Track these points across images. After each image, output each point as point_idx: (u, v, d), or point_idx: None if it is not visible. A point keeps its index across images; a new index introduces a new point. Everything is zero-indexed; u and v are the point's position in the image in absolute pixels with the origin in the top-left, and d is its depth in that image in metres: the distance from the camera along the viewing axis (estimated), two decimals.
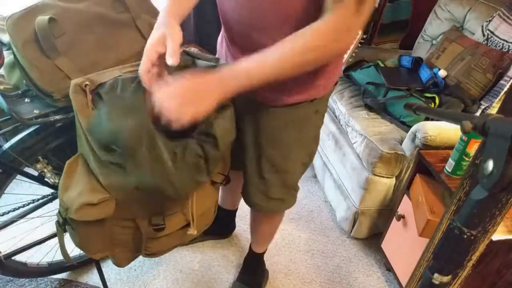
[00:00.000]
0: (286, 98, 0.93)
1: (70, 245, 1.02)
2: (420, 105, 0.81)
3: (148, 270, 1.52)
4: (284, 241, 1.73)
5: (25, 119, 0.92)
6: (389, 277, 1.61)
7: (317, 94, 0.95)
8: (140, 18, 1.01)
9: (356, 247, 1.75)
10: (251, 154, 1.04)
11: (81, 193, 0.85)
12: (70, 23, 0.91)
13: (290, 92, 0.92)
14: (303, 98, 0.94)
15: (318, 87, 0.94)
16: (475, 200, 0.51)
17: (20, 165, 1.05)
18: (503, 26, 1.74)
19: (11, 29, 0.86)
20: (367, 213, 1.65)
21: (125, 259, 1.04)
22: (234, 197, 1.56)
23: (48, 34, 0.87)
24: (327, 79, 0.94)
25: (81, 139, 0.90)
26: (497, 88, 1.63)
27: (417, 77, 1.85)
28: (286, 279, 1.56)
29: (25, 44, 0.87)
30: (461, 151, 1.19)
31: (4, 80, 1.02)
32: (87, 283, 1.45)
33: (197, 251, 1.63)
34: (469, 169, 0.85)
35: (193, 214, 0.96)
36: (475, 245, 0.83)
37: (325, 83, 0.94)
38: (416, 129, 1.45)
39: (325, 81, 0.94)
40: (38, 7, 0.90)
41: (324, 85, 0.94)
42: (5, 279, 1.41)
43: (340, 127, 1.88)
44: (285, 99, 0.94)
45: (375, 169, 1.53)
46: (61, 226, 0.94)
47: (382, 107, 1.75)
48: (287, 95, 0.93)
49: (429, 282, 0.59)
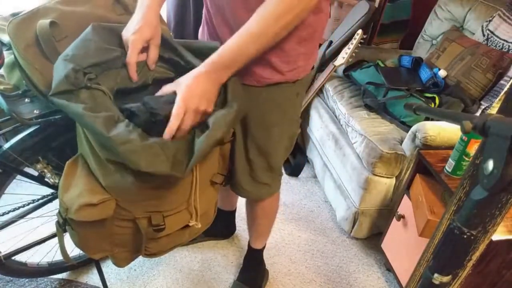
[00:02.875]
0: (270, 77, 0.97)
1: (70, 245, 1.02)
2: (420, 105, 0.81)
3: (148, 270, 1.52)
4: (284, 241, 1.73)
5: (25, 119, 0.92)
6: (389, 277, 1.61)
7: (298, 75, 1.01)
8: None
9: (356, 247, 1.75)
10: (238, 137, 1.07)
11: (81, 193, 0.85)
12: (71, 27, 0.91)
13: (273, 71, 0.97)
14: (285, 78, 0.99)
15: (298, 68, 0.99)
16: (475, 200, 0.51)
17: (20, 165, 1.05)
18: (503, 26, 1.75)
19: (12, 33, 0.86)
20: (367, 213, 1.65)
21: (125, 259, 1.04)
22: (231, 197, 1.56)
23: (50, 37, 0.87)
24: (307, 60, 1.00)
25: (81, 139, 0.90)
26: (497, 88, 1.63)
27: (417, 77, 1.85)
28: (286, 279, 1.56)
29: (26, 48, 0.87)
30: (461, 151, 1.19)
31: (4, 80, 1.03)
32: (87, 283, 1.45)
33: (197, 251, 1.63)
34: (469, 169, 0.85)
35: (196, 208, 0.96)
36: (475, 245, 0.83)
37: (305, 64, 1.00)
38: (416, 129, 1.45)
39: (304, 62, 1.00)
40: (40, 10, 0.90)
41: (303, 67, 1.00)
42: (5, 279, 1.41)
43: (340, 127, 1.88)
44: (270, 78, 0.98)
45: (375, 169, 1.53)
46: (61, 226, 0.94)
47: (382, 107, 1.75)
48: (270, 74, 0.97)
49: (429, 282, 0.59)
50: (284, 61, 0.96)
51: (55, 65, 0.81)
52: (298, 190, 2.06)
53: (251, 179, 1.14)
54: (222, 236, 1.70)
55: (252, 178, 1.14)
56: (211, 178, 1.01)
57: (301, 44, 0.95)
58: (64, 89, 0.77)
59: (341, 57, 1.92)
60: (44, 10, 0.91)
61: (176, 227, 0.97)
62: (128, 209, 0.90)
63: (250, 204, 1.35)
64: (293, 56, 0.96)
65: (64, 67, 0.78)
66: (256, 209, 1.32)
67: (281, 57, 0.94)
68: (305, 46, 0.96)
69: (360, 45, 1.95)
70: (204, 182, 0.99)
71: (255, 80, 0.98)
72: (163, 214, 0.92)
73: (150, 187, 0.87)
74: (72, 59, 0.79)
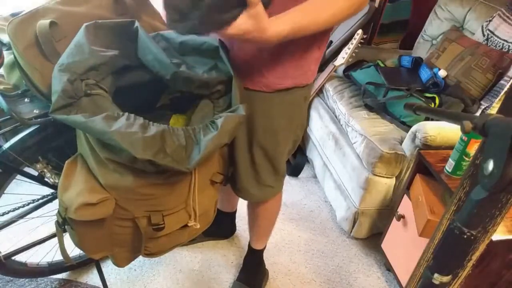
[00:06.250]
0: (282, 82, 0.97)
1: (70, 245, 1.02)
2: (420, 105, 0.80)
3: (148, 270, 1.52)
4: (284, 241, 1.73)
5: (25, 119, 0.92)
6: (389, 277, 1.61)
7: (308, 79, 1.01)
8: (141, 19, 1.01)
9: (356, 247, 1.75)
10: (243, 141, 1.06)
11: (80, 193, 0.85)
12: (71, 27, 0.91)
13: (285, 76, 0.96)
14: (296, 82, 0.98)
15: (308, 72, 0.99)
16: (475, 200, 0.51)
17: (20, 165, 1.05)
18: (503, 26, 1.74)
19: (12, 33, 0.86)
20: (367, 213, 1.65)
21: (125, 259, 1.04)
22: (231, 198, 1.56)
23: (49, 38, 0.87)
24: (315, 65, 1.00)
25: (81, 139, 0.90)
26: (497, 88, 1.63)
27: (417, 77, 1.85)
28: (286, 279, 1.56)
29: (26, 48, 0.87)
30: (461, 151, 1.19)
31: (4, 80, 1.03)
32: (87, 283, 1.45)
33: (197, 251, 1.63)
34: (469, 169, 0.85)
35: (195, 209, 0.96)
36: (475, 245, 0.83)
37: (314, 68, 1.01)
38: (416, 129, 1.45)
39: (314, 67, 1.00)
40: (39, 11, 0.90)
41: (313, 71, 1.01)
42: (5, 279, 1.41)
43: (340, 127, 1.88)
44: (281, 83, 0.97)
45: (375, 169, 1.53)
46: (61, 226, 0.94)
47: (382, 107, 1.75)
48: (282, 79, 0.96)
49: (429, 282, 0.59)
50: (298, 65, 0.95)
51: (53, 75, 0.80)
52: (298, 190, 2.06)
53: (257, 182, 1.13)
54: (222, 236, 1.70)
55: (258, 181, 1.13)
56: (211, 177, 1.01)
57: (321, 48, 0.95)
58: (63, 104, 0.77)
59: (341, 57, 1.92)
60: (43, 10, 0.91)
61: (175, 226, 0.97)
62: (127, 209, 0.90)
63: (252, 206, 1.35)
64: (308, 59, 0.96)
65: (60, 80, 0.78)
66: (258, 210, 1.32)
67: (297, 61, 0.94)
68: (321, 50, 0.96)
69: (360, 45, 1.95)
70: (204, 181, 0.99)
71: (265, 85, 0.97)
72: (162, 213, 0.92)
73: (150, 186, 0.87)
74: (67, 68, 0.79)
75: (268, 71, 0.94)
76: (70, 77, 0.78)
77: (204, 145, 0.79)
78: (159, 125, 0.79)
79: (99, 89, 0.82)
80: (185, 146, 0.80)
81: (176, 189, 0.91)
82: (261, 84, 0.97)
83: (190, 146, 0.80)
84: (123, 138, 0.74)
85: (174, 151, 0.78)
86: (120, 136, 0.74)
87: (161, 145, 0.77)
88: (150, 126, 0.78)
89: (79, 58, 0.81)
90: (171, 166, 0.77)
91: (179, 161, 0.78)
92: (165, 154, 0.77)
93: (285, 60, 0.92)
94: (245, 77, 0.96)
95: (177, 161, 0.78)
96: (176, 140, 0.79)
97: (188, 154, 0.80)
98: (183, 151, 0.79)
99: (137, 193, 0.87)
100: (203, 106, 0.93)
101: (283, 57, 0.92)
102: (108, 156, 0.82)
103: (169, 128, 0.79)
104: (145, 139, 0.75)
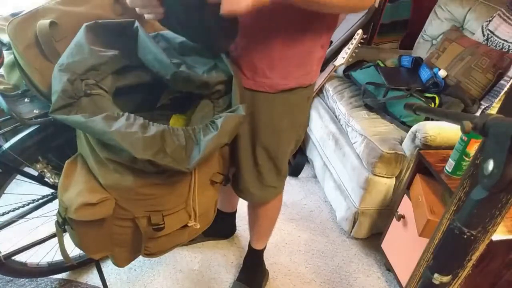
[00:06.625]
0: (286, 82, 0.97)
1: (70, 245, 1.02)
2: (420, 105, 0.80)
3: (148, 270, 1.52)
4: (284, 241, 1.73)
5: (25, 119, 0.92)
6: (389, 277, 1.61)
7: (311, 79, 1.01)
8: (141, 19, 1.01)
9: (356, 247, 1.75)
10: (245, 142, 1.06)
11: (80, 193, 0.85)
12: (71, 27, 0.91)
13: (289, 77, 0.96)
14: (299, 83, 0.98)
15: (311, 72, 0.99)
16: (475, 200, 0.51)
17: (20, 165, 1.05)
18: (503, 26, 1.74)
19: (12, 33, 0.86)
20: (367, 213, 1.65)
21: (125, 259, 1.04)
22: (232, 198, 1.56)
23: (49, 38, 0.87)
24: (318, 65, 1.01)
25: (81, 139, 0.90)
26: (497, 88, 1.63)
27: (417, 77, 1.85)
28: (286, 279, 1.56)
29: (26, 48, 0.87)
30: (461, 151, 1.19)
31: (4, 80, 1.03)
32: (87, 283, 1.45)
33: (197, 251, 1.63)
34: (469, 169, 0.84)
35: (195, 209, 0.96)
36: (475, 245, 0.83)
37: (316, 68, 1.01)
38: (416, 129, 1.45)
39: (316, 67, 1.01)
40: (39, 11, 0.90)
41: (315, 71, 1.01)
42: (5, 279, 1.41)
43: (340, 127, 1.88)
44: (285, 84, 0.97)
45: (375, 169, 1.53)
46: (61, 226, 0.94)
47: (382, 107, 1.75)
48: (286, 79, 0.96)
49: (429, 282, 0.59)
50: (302, 65, 0.95)
51: (53, 75, 0.80)
52: (298, 190, 2.06)
53: (259, 183, 1.13)
54: (222, 236, 1.70)
55: (260, 182, 1.13)
56: (211, 177, 1.01)
57: (324, 47, 0.96)
58: (63, 104, 0.77)
59: (341, 57, 1.92)
60: (43, 10, 0.91)
61: (175, 226, 0.97)
62: (127, 209, 0.90)
63: (252, 206, 1.35)
64: (311, 59, 0.96)
65: (59, 80, 0.78)
66: (259, 210, 1.32)
67: (301, 60, 0.94)
68: (324, 50, 0.97)
69: (360, 45, 1.95)
70: (204, 181, 0.99)
71: (269, 86, 0.97)
72: (162, 213, 0.92)
73: (150, 186, 0.87)
74: (67, 68, 0.79)
75: (272, 71, 0.94)
76: (70, 77, 0.78)
77: (204, 145, 0.80)
78: (159, 125, 0.79)
79: (99, 89, 0.82)
80: (185, 146, 0.80)
81: (176, 189, 0.91)
82: (265, 85, 0.97)
83: (190, 146, 0.80)
84: (123, 138, 0.74)
85: (174, 151, 0.78)
86: (120, 136, 0.74)
87: (161, 145, 0.77)
88: (150, 126, 0.78)
89: (79, 58, 0.81)
90: (171, 166, 0.77)
91: (179, 161, 0.78)
92: (165, 154, 0.77)
93: (289, 60, 0.93)
94: (249, 78, 0.96)
95: (177, 161, 0.78)
96: (176, 140, 0.79)
97: (188, 154, 0.80)
98: (183, 151, 0.79)
99: (137, 193, 0.87)
100: (203, 106, 0.93)
101: (288, 57, 0.92)
102: (108, 156, 0.82)
103: (169, 128, 0.79)
104: (145, 139, 0.75)
